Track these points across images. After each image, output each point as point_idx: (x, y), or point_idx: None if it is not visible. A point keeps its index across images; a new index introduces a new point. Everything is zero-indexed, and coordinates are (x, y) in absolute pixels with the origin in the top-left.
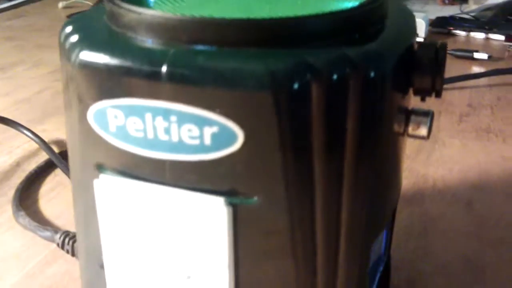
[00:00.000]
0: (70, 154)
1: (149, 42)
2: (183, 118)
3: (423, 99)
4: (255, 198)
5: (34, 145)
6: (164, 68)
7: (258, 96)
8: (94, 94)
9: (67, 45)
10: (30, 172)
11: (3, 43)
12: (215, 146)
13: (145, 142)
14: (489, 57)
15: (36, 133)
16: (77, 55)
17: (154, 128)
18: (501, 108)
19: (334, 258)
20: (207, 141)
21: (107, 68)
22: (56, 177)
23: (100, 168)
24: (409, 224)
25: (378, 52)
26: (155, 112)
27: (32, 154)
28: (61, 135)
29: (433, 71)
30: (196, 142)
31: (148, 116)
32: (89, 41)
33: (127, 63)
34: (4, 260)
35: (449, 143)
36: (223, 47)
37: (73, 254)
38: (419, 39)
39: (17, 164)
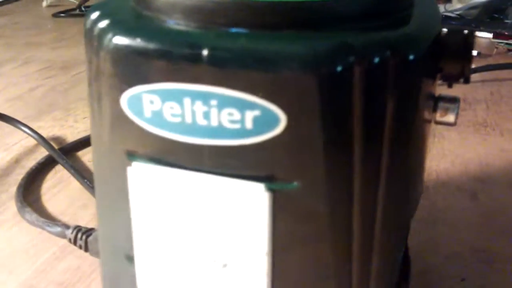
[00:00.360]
0: (94, 145)
1: (184, 25)
2: (223, 102)
3: (450, 86)
4: (295, 183)
5: (31, 142)
6: (205, 51)
7: (301, 78)
8: (129, 80)
9: (96, 31)
10: (31, 168)
11: None
12: (256, 130)
13: (182, 128)
14: (478, 53)
15: (34, 129)
16: (110, 40)
17: (193, 112)
18: (495, 103)
19: (369, 243)
20: (249, 125)
21: (144, 52)
22: (57, 173)
23: (132, 156)
24: (416, 216)
25: (416, 35)
26: (195, 96)
27: (30, 151)
28: (58, 132)
29: (463, 57)
30: (237, 126)
31: (187, 100)
32: (123, 25)
33: (165, 46)
34: (12, 256)
35: (448, 137)
36: (262, 30)
37: (86, 250)
38: None
39: (16, 161)
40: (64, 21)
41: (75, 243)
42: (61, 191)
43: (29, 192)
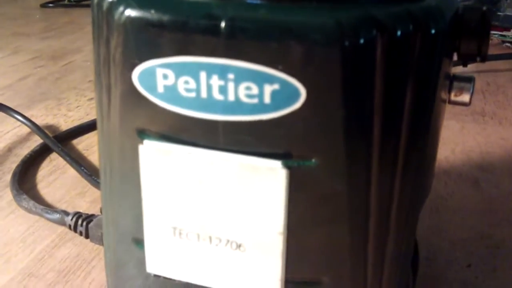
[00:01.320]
0: (101, 125)
1: None
2: (241, 76)
3: (465, 65)
4: (313, 160)
5: (24, 130)
6: (223, 23)
7: (323, 50)
8: (142, 54)
9: (106, 4)
10: (26, 156)
11: None
12: (275, 105)
13: (197, 103)
14: None
15: (28, 117)
16: (122, 12)
17: (209, 87)
18: (492, 93)
19: (385, 224)
20: (267, 99)
21: (159, 24)
22: (53, 161)
23: (143, 134)
24: None
25: (438, 8)
26: (211, 69)
27: (23, 139)
28: (51, 120)
29: (480, 35)
30: (255, 101)
31: (203, 74)
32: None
33: (181, 18)
34: (9, 244)
35: (447, 125)
36: (283, 1)
37: (87, 236)
38: None
39: (9, 149)
40: (52, 11)
41: (75, 229)
42: (57, 179)
43: (24, 180)
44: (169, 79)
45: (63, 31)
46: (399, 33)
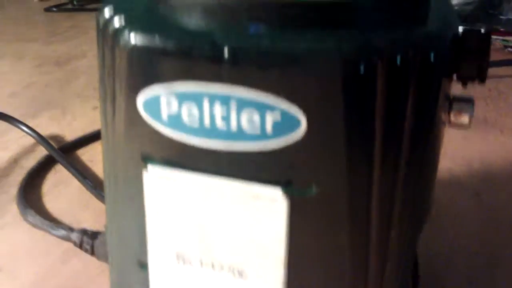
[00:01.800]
0: (106, 146)
1: (203, 22)
2: (243, 103)
3: (464, 85)
4: (314, 188)
5: (29, 140)
6: (226, 50)
7: (325, 79)
8: (146, 79)
9: (111, 29)
10: (31, 169)
11: None
12: (276, 133)
13: (200, 131)
14: None
15: (33, 128)
16: (127, 38)
17: (212, 115)
18: (494, 99)
19: (385, 251)
20: (269, 127)
21: (163, 50)
22: (57, 173)
23: (148, 159)
24: None
25: (438, 33)
26: (213, 96)
27: (28, 150)
28: (56, 130)
29: (480, 59)
30: (257, 128)
31: (206, 101)
32: (140, 23)
33: (185, 45)
34: (15, 260)
35: (448, 133)
36: (284, 28)
37: (92, 253)
38: None
39: (15, 161)
40: (56, 16)
41: (80, 246)
42: (61, 191)
43: (30, 193)
44: (173, 106)
45: (67, 36)
46: (399, 60)
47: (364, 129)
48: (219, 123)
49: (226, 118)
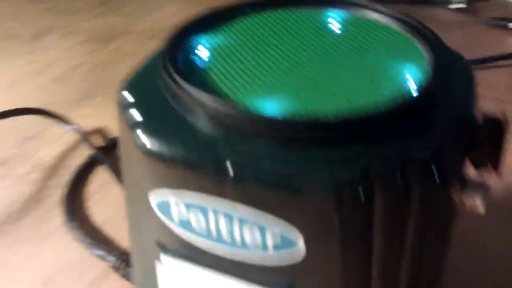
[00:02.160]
0: (130, 224)
1: (210, 129)
2: (245, 221)
3: (477, 169)
4: None
5: (73, 136)
6: (227, 164)
7: (321, 201)
8: (158, 181)
9: (129, 120)
10: (75, 172)
11: (30, 5)
12: (277, 251)
13: (208, 236)
14: None
15: (79, 124)
16: (142, 141)
17: (217, 224)
18: None
19: None
20: (269, 244)
21: (171, 159)
22: (101, 174)
23: (162, 247)
24: None
25: (440, 147)
26: (217, 211)
27: (72, 148)
28: (103, 122)
29: (495, 151)
30: (258, 245)
31: (211, 213)
32: (154, 123)
33: (190, 157)
34: (60, 273)
35: None
36: (285, 143)
37: (128, 278)
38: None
39: (60, 159)
40: None
41: (117, 270)
42: (104, 197)
43: (73, 198)
44: (182, 212)
45: (116, 4)
46: (399, 181)
47: (360, 249)
48: (224, 233)
49: (230, 230)
